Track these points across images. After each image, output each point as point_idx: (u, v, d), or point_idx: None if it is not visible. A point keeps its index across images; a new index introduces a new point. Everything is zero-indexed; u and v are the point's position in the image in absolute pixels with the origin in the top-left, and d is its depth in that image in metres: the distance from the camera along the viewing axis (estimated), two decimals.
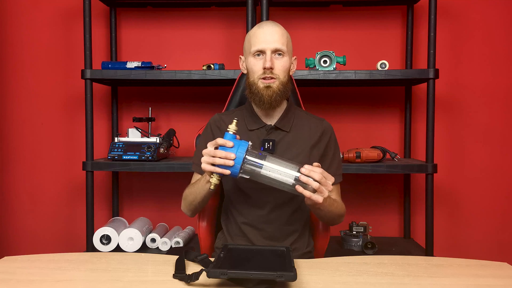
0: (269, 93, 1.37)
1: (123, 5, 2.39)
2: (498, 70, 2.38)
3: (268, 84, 1.37)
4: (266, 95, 1.37)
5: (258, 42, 1.38)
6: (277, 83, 1.37)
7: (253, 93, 1.39)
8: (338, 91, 2.42)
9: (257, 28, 1.41)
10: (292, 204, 1.43)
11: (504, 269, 1.18)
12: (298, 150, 1.41)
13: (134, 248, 2.06)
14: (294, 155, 1.40)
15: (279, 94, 1.38)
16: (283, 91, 1.39)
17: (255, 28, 1.42)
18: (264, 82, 1.37)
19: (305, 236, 1.49)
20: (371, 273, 1.13)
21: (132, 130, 2.19)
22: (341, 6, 2.39)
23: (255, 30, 1.41)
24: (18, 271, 1.14)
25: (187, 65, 2.39)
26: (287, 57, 1.39)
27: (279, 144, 1.41)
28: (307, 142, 1.43)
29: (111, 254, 1.28)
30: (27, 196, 2.49)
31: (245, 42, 1.45)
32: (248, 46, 1.42)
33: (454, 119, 2.40)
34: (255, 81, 1.39)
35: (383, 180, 2.43)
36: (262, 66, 1.37)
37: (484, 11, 2.37)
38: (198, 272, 1.04)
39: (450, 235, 2.43)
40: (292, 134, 1.44)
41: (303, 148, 1.42)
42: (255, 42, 1.38)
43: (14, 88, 2.46)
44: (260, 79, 1.37)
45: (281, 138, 1.42)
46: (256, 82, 1.38)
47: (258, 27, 1.41)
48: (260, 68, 1.37)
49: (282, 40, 1.38)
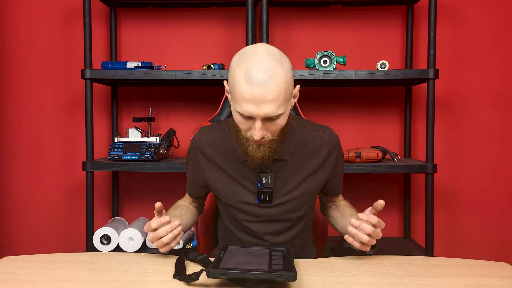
0: (259, 155, 1.17)
1: (123, 5, 2.39)
2: (498, 70, 2.38)
3: (259, 146, 1.16)
4: (256, 157, 1.17)
5: (244, 104, 1.08)
6: (269, 143, 1.16)
7: (241, 146, 1.19)
8: (338, 91, 2.42)
9: (245, 82, 1.07)
10: (294, 229, 1.35)
11: (504, 269, 1.18)
12: (301, 177, 1.28)
13: (134, 248, 2.06)
14: (296, 184, 1.28)
15: (272, 152, 1.18)
16: (278, 145, 1.19)
17: (243, 80, 1.07)
18: (255, 144, 1.16)
19: (306, 246, 1.45)
20: (371, 273, 1.13)
21: (132, 130, 2.19)
22: (341, 6, 2.39)
23: (242, 82, 1.07)
24: (18, 271, 1.14)
25: (187, 65, 2.39)
26: (283, 115, 1.12)
27: (278, 175, 1.26)
28: (311, 165, 1.29)
29: (111, 254, 1.28)
30: (27, 196, 2.49)
31: (229, 77, 1.13)
32: (232, 93, 1.12)
33: (454, 119, 2.40)
34: (243, 135, 1.17)
35: (383, 180, 2.44)
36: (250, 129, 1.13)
37: (484, 11, 2.37)
38: (198, 272, 1.04)
39: (450, 235, 2.43)
40: (293, 161, 1.27)
41: (307, 174, 1.29)
42: (240, 100, 1.08)
43: (14, 88, 2.46)
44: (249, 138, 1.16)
45: (280, 168, 1.27)
46: (244, 137, 1.17)
47: (247, 79, 1.07)
48: (248, 129, 1.14)
49: (278, 102, 1.08)
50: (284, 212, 1.30)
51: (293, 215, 1.32)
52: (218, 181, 1.31)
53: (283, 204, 1.29)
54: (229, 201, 1.31)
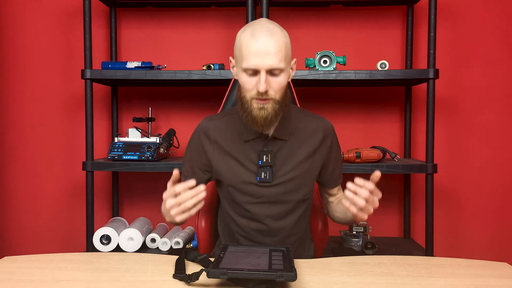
0: (263, 115, 1.25)
1: (123, 5, 2.39)
2: (498, 70, 2.38)
3: (262, 105, 1.25)
4: (260, 117, 1.25)
5: (250, 57, 1.21)
6: (272, 103, 1.25)
7: (246, 111, 1.27)
8: (338, 91, 2.42)
9: (251, 38, 1.22)
10: (294, 215, 1.37)
11: (504, 269, 1.18)
12: (299, 159, 1.35)
13: (134, 248, 2.06)
14: (295, 165, 1.34)
15: (274, 115, 1.26)
16: (280, 109, 1.27)
17: (248, 37, 1.23)
18: (259, 103, 1.25)
19: (305, 243, 1.46)
20: (371, 273, 1.13)
21: (132, 130, 2.19)
22: (341, 6, 2.39)
23: (247, 39, 1.23)
24: (18, 271, 1.14)
25: (187, 65, 2.39)
26: (284, 73, 1.25)
27: (278, 155, 1.33)
28: (308, 148, 1.36)
29: (111, 254, 1.28)
30: (27, 196, 2.49)
31: (235, 47, 1.29)
32: (239, 56, 1.26)
33: (454, 119, 2.40)
34: (247, 99, 1.26)
35: (383, 180, 2.44)
36: (255, 86, 1.24)
37: (484, 11, 2.37)
38: (198, 272, 1.04)
39: (450, 235, 2.43)
40: (291, 142, 1.35)
41: (304, 155, 1.35)
42: (247, 56, 1.22)
43: (14, 88, 2.46)
44: (253, 98, 1.25)
45: (280, 148, 1.34)
46: (249, 101, 1.26)
47: (252, 35, 1.23)
48: (253, 87, 1.24)
49: (280, 55, 1.22)
50: (284, 193, 1.34)
51: (293, 197, 1.35)
52: (221, 163, 1.35)
53: (283, 184, 1.33)
54: (231, 183, 1.34)
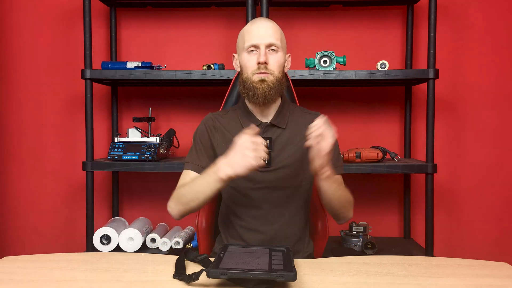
0: (263, 87, 1.35)
1: (123, 5, 2.39)
2: (498, 70, 2.38)
3: (262, 77, 1.35)
4: (260, 89, 1.35)
5: (251, 37, 1.37)
6: (271, 78, 1.36)
7: (247, 88, 1.38)
8: (338, 91, 2.42)
9: (251, 24, 1.40)
10: (292, 203, 1.41)
11: (504, 269, 1.18)
12: (296, 147, 1.41)
13: (134, 248, 2.06)
14: (292, 152, 1.40)
15: (273, 89, 1.36)
16: (278, 87, 1.38)
17: (249, 25, 1.42)
18: (259, 76, 1.36)
19: (304, 239, 1.47)
20: (371, 273, 1.13)
21: (132, 130, 2.19)
22: (341, 6, 2.39)
23: (248, 26, 1.41)
24: (18, 271, 1.14)
25: (187, 65, 2.39)
26: (281, 52, 1.39)
27: (276, 142, 1.41)
28: (304, 137, 1.39)
29: (111, 254, 1.28)
30: (27, 196, 2.49)
31: (238, 39, 1.45)
32: (241, 42, 1.41)
33: (454, 119, 2.40)
34: (249, 77, 1.38)
35: (383, 180, 2.43)
36: (256, 62, 1.36)
37: (484, 11, 2.37)
38: (198, 272, 1.04)
39: (450, 235, 2.43)
40: (289, 131, 1.43)
41: (301, 144, 1.39)
42: (248, 37, 1.37)
43: (14, 88, 2.46)
44: (254, 74, 1.36)
45: (278, 136, 1.42)
46: (250, 77, 1.37)
47: (252, 23, 1.41)
48: (254, 63, 1.37)
49: (276, 35, 1.37)
50: (282, 178, 1.39)
51: (290, 183, 1.40)
52: (224, 150, 1.36)
53: (281, 170, 1.39)
54: None
